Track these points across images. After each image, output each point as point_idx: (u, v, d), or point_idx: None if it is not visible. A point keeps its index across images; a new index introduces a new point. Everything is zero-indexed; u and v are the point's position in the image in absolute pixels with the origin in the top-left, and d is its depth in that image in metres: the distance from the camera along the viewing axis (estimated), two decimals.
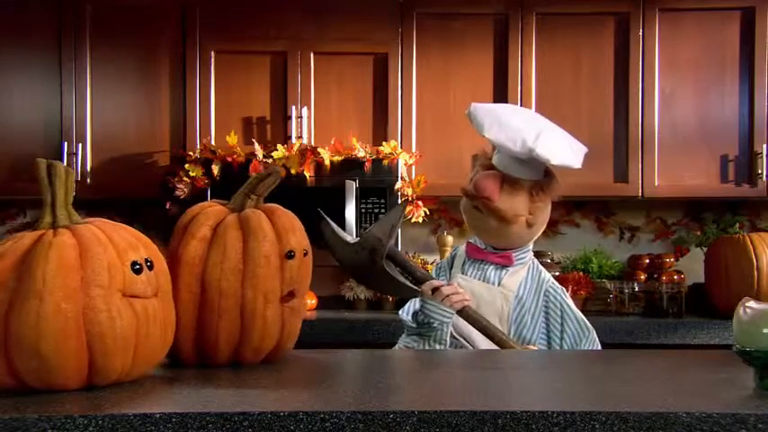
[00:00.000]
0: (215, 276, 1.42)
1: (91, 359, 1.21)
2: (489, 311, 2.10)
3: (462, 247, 2.28)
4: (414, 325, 2.13)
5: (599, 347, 2.13)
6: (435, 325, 2.07)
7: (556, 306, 2.13)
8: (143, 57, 3.73)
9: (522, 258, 2.18)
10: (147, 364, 1.32)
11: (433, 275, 2.23)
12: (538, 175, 2.12)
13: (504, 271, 2.16)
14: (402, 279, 2.04)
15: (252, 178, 1.56)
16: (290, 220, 1.52)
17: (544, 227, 2.20)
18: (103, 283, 1.22)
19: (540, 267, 2.21)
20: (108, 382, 1.25)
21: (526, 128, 2.04)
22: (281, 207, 1.56)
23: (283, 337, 1.51)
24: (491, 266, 2.17)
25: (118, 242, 1.27)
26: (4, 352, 1.18)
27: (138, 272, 1.27)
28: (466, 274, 2.19)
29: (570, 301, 2.17)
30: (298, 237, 1.51)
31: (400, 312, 2.21)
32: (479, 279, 2.16)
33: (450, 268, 2.28)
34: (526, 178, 2.10)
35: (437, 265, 2.36)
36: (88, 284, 1.20)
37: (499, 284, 2.15)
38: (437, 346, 2.08)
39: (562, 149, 2.04)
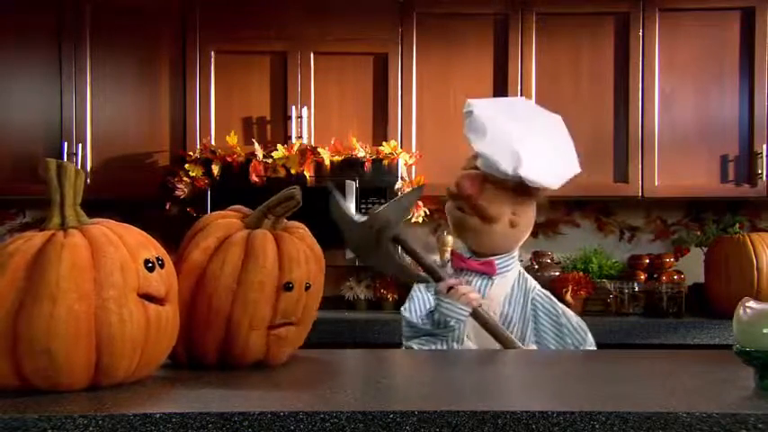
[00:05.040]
0: (208, 291, 1.41)
1: (98, 360, 1.21)
2: (474, 324, 2.05)
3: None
4: (427, 326, 2.07)
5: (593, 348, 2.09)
6: (452, 323, 2.01)
7: (546, 314, 2.09)
8: (143, 57, 3.73)
9: (506, 266, 2.13)
10: (152, 366, 1.32)
11: None
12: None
13: (488, 282, 2.11)
14: (404, 262, 2.01)
15: (272, 198, 1.49)
16: (299, 250, 1.46)
17: (529, 231, 2.16)
18: (117, 283, 1.21)
19: (527, 275, 2.16)
20: (112, 383, 1.25)
21: (515, 143, 2.01)
22: (301, 232, 1.50)
23: (268, 358, 1.47)
24: (476, 278, 2.12)
25: (129, 241, 1.27)
26: (10, 350, 1.17)
27: (150, 269, 1.26)
28: None
29: (562, 307, 2.12)
30: (302, 269, 1.45)
31: (404, 311, 2.15)
32: None
33: None
34: (510, 178, 2.04)
35: None
36: (101, 285, 1.20)
37: (483, 297, 2.08)
38: (455, 345, 2.03)
39: (545, 171, 2.02)
